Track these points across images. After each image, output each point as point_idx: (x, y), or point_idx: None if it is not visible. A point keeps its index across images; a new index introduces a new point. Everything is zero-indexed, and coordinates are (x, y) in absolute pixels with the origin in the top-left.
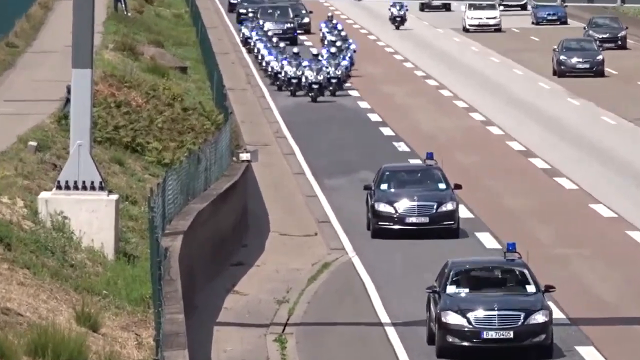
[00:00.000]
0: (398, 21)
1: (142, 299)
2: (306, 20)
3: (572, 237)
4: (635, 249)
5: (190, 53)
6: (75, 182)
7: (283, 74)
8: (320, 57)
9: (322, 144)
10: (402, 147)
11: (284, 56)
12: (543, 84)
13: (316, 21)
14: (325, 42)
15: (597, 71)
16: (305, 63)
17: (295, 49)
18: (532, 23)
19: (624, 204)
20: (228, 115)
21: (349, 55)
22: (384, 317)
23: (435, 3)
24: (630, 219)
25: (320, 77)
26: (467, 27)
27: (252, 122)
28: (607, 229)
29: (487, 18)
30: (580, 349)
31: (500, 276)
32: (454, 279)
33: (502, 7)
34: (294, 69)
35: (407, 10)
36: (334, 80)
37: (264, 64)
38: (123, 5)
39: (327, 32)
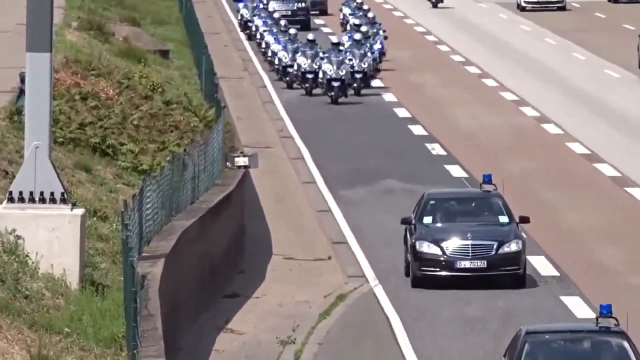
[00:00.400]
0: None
1: (114, 338)
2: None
3: None
4: None
5: (172, 33)
6: (32, 194)
7: (295, 67)
8: (341, 47)
9: (337, 146)
10: (436, 149)
11: (296, 45)
12: (611, 71)
13: None
14: (348, 27)
15: None
16: (322, 54)
17: (310, 35)
18: None
19: None
20: (220, 111)
21: (377, 43)
22: None
23: None
24: None
25: (342, 72)
26: (523, 4)
27: (250, 118)
28: None
29: None
30: None
31: (475, 207)
32: (429, 210)
33: None
34: (309, 60)
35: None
36: (358, 76)
37: (269, 53)
38: None
39: (350, 14)
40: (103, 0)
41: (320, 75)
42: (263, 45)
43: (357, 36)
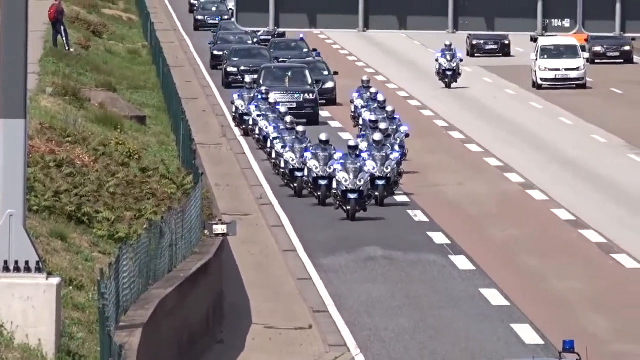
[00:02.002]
0: (450, 76)
1: None
2: (330, 84)
3: (636, 330)
4: None
5: (149, 99)
6: (6, 263)
7: (306, 171)
8: (359, 150)
9: (317, 213)
10: (419, 216)
11: (304, 145)
12: (598, 136)
13: (343, 83)
14: (360, 121)
15: None
16: (338, 156)
17: (323, 136)
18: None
19: None
20: (198, 178)
21: (398, 141)
22: None
23: (488, 46)
24: None
25: (361, 183)
26: (539, 82)
27: (229, 185)
28: None
29: (565, 69)
30: None
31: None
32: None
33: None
34: (322, 164)
35: (461, 60)
36: (381, 183)
37: (273, 155)
38: (64, 39)
39: (363, 107)
40: (78, 66)
41: (334, 184)
42: (262, 140)
43: (377, 137)
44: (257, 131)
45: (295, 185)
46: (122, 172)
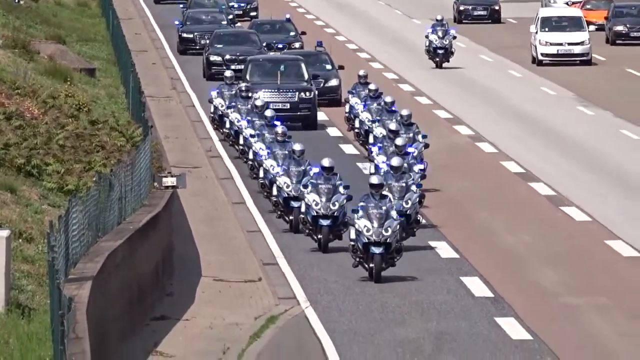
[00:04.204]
0: (441, 55)
1: None
2: (334, 82)
3: (585, 283)
4: None
5: (99, 51)
6: None
7: (303, 206)
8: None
9: None
10: (368, 169)
11: (303, 168)
12: (548, 89)
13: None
14: (357, 124)
15: None
16: (341, 191)
17: (326, 161)
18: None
19: None
20: (148, 130)
21: (417, 153)
22: None
23: (477, 12)
24: None
25: (388, 233)
26: (540, 57)
27: (178, 138)
28: (628, 273)
29: (569, 44)
30: None
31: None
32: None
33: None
34: (326, 200)
35: (454, 38)
36: (400, 219)
37: (260, 174)
38: None
39: (361, 102)
40: (28, 18)
41: (353, 235)
42: (245, 149)
43: (395, 162)
44: (241, 141)
45: (291, 218)
46: (72, 124)
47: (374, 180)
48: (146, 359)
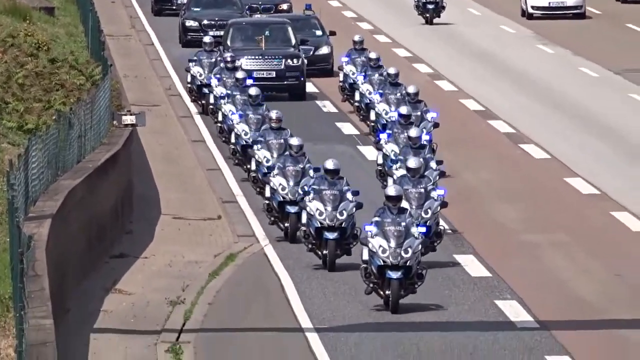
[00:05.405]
0: (431, 11)
1: (0, 300)
2: (325, 50)
3: (544, 220)
4: (621, 233)
5: None
6: None
7: (304, 217)
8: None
9: None
10: (327, 107)
11: (303, 166)
12: (507, 27)
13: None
14: (357, 96)
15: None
16: (349, 197)
17: (330, 164)
18: None
19: (606, 178)
20: (107, 69)
21: (429, 143)
22: (305, 322)
23: None
24: (616, 197)
25: (408, 255)
26: (530, 10)
27: (137, 77)
28: (587, 210)
29: None
30: (552, 359)
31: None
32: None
33: None
34: (331, 209)
35: None
36: (421, 231)
37: (252, 166)
38: None
39: (358, 73)
40: None
41: (365, 256)
42: (230, 136)
43: (413, 163)
44: (219, 117)
45: (287, 224)
46: (31, 63)
47: (391, 191)
48: (105, 296)
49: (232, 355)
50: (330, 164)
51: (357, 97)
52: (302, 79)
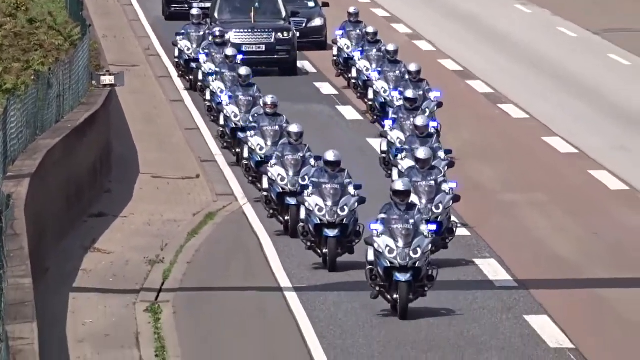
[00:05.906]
0: None
1: None
2: (318, 21)
3: (522, 179)
4: (599, 192)
5: None
6: None
7: (303, 212)
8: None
9: None
10: (306, 67)
11: (302, 154)
12: None
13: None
14: (353, 73)
15: None
16: (351, 191)
17: (330, 155)
18: None
19: (585, 137)
20: (86, 29)
21: (436, 123)
22: (284, 281)
23: None
24: (594, 156)
25: (417, 255)
26: None
27: (116, 37)
28: (565, 169)
29: None
30: (531, 319)
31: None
32: None
33: None
34: (332, 204)
35: None
36: (431, 228)
37: (245, 153)
38: None
39: (353, 48)
40: None
41: (371, 257)
42: (218, 117)
43: (422, 153)
44: (207, 96)
45: (287, 218)
46: (10, 23)
47: (399, 186)
48: (84, 255)
49: (211, 315)
50: (330, 156)
51: (353, 73)
52: (294, 52)
